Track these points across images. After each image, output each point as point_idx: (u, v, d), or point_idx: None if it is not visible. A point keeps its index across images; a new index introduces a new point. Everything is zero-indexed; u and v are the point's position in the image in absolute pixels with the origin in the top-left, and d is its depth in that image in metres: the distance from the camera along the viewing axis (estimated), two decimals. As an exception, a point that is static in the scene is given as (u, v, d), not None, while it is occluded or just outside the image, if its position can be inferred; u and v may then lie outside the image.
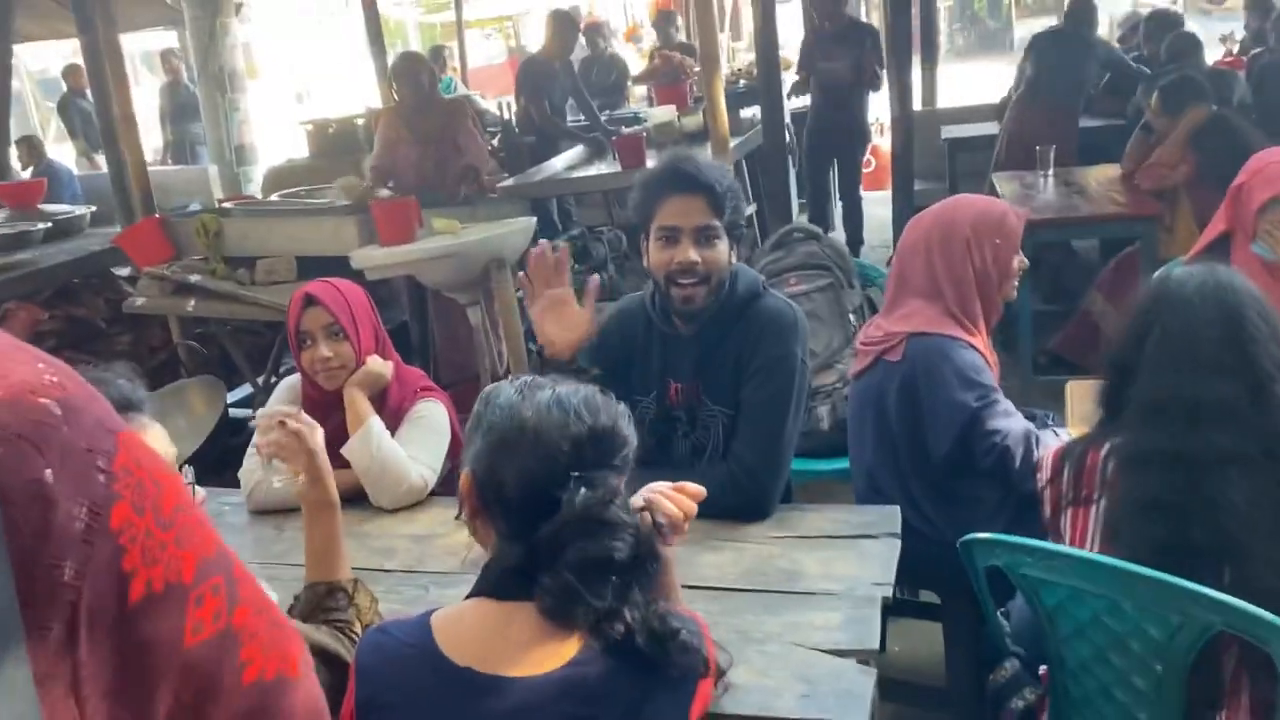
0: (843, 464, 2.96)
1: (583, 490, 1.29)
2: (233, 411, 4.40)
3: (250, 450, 2.48)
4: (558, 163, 6.03)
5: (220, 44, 8.82)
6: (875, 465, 2.57)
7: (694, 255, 2.18)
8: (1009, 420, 2.38)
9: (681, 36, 9.12)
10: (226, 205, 4.56)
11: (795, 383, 2.23)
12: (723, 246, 2.23)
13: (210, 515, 2.44)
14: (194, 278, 4.19)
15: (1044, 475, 1.99)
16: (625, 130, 6.25)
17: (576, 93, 6.84)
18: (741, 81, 7.17)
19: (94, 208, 6.15)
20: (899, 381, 2.44)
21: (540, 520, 1.28)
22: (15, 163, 8.28)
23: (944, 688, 2.60)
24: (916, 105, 6.45)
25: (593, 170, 6.02)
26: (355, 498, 2.38)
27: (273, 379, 4.43)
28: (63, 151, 11.43)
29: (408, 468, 2.38)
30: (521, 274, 2.33)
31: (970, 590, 2.04)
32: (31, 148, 8.51)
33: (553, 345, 2.21)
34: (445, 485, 2.62)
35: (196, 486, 1.44)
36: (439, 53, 10.25)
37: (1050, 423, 2.80)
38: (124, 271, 5.36)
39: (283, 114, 16.25)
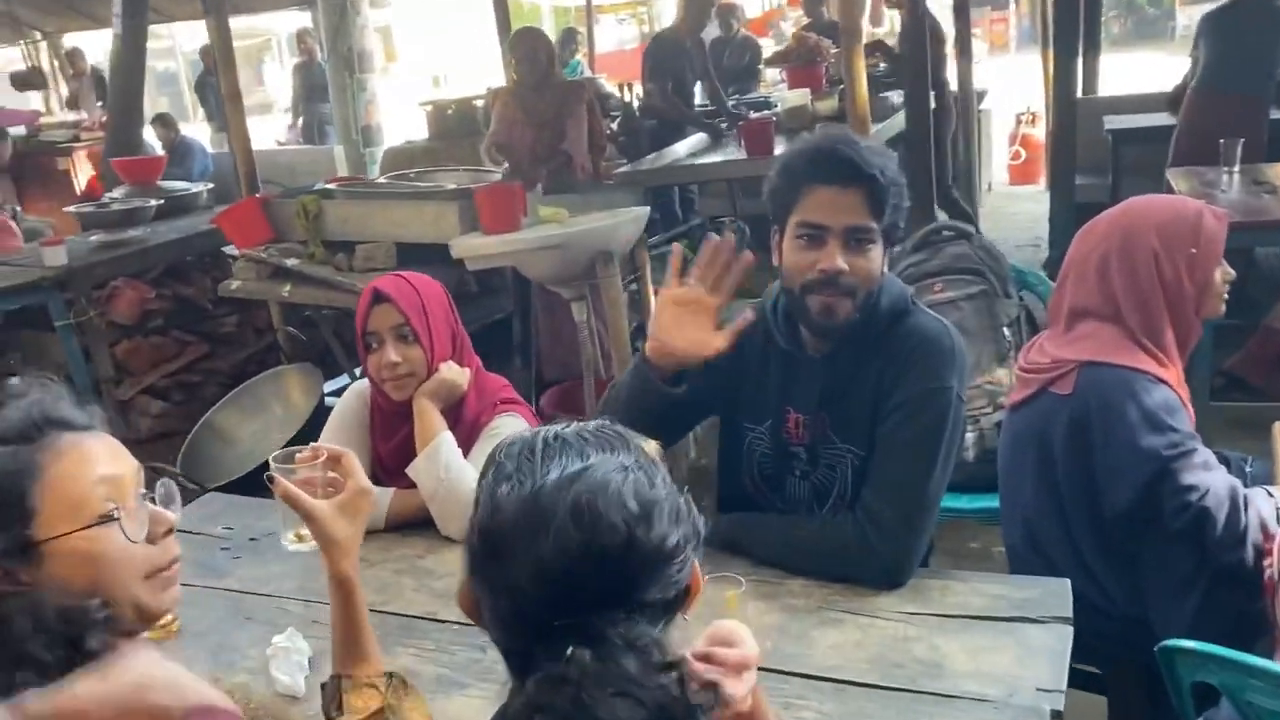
0: (990, 502, 2.52)
1: (583, 652, 0.84)
2: (328, 400, 4.19)
3: None
4: (680, 149, 5.68)
5: (350, 24, 8.77)
6: (1035, 516, 2.13)
7: (840, 262, 1.77)
8: (1209, 475, 1.91)
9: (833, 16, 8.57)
10: (329, 186, 4.36)
11: (947, 422, 1.81)
12: (876, 254, 1.82)
13: (262, 535, 2.22)
14: (290, 262, 4.01)
15: (1274, 561, 1.53)
16: (754, 115, 5.82)
17: (705, 73, 6.46)
18: (882, 64, 6.66)
19: (211, 185, 6.08)
20: (1068, 419, 2.00)
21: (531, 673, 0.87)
22: (155, 140, 8.40)
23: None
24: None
25: (716, 157, 5.63)
26: (423, 523, 2.13)
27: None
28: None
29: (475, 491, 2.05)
30: (676, 246, 1.91)
31: (1145, 668, 1.70)
32: (166, 125, 8.60)
33: (664, 350, 1.82)
34: None
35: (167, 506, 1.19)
36: (570, 35, 10.01)
37: (1248, 468, 2.33)
38: (236, 252, 5.25)
39: (416, 98, 16.38)
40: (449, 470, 2.06)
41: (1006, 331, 2.94)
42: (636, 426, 1.98)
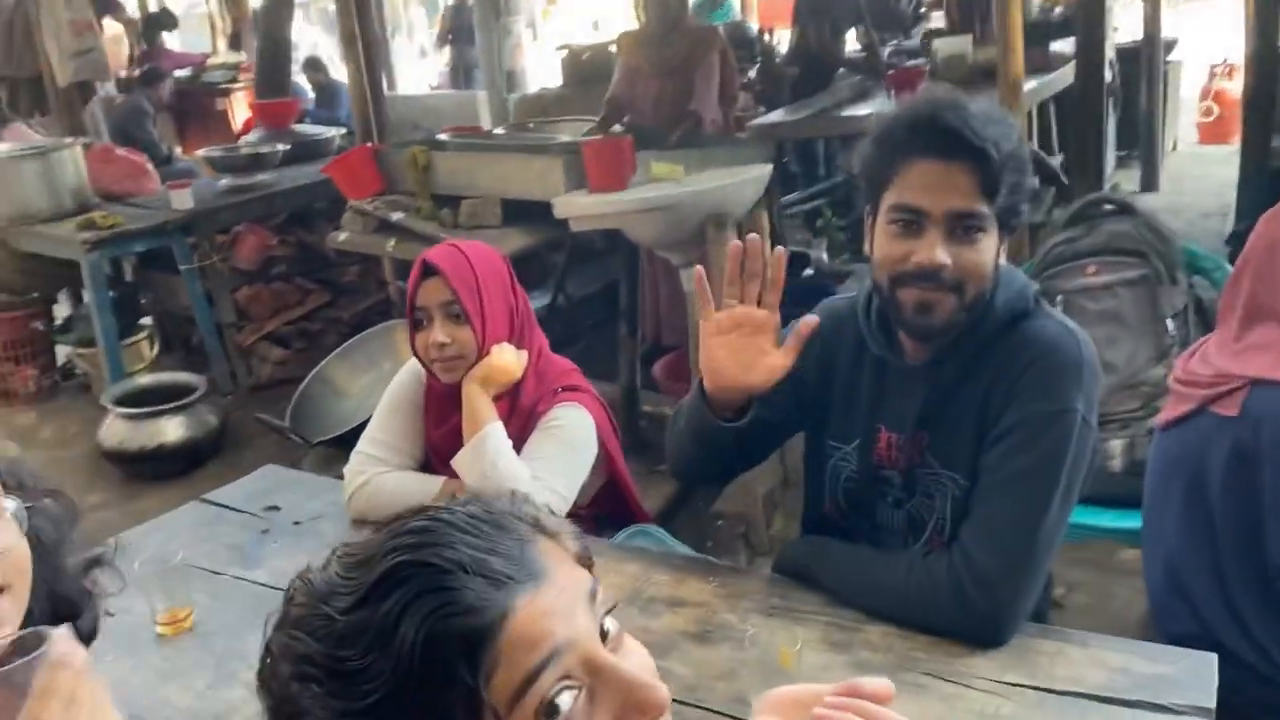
0: (1135, 522, 2.16)
1: None
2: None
3: (361, 443, 2.09)
4: (825, 99, 5.28)
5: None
6: (1180, 558, 1.77)
7: (941, 255, 1.45)
8: None
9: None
10: (442, 137, 4.20)
11: (1068, 453, 1.48)
12: (988, 243, 1.50)
13: (307, 519, 2.08)
14: (395, 216, 3.88)
15: None
16: (909, 63, 5.36)
17: (859, 18, 5.98)
18: (1058, 8, 6.02)
19: (343, 130, 6.04)
20: (1231, 446, 1.63)
21: None
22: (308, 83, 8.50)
23: None
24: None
25: (864, 109, 5.19)
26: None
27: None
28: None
29: (527, 492, 1.83)
30: (698, 270, 1.60)
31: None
32: (315, 68, 8.66)
33: (721, 385, 1.55)
34: (601, 502, 2.16)
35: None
36: None
37: None
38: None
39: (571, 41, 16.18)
40: (495, 466, 1.86)
41: (1170, 324, 2.52)
42: (703, 462, 1.72)
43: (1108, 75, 6.11)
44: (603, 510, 2.15)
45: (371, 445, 2.05)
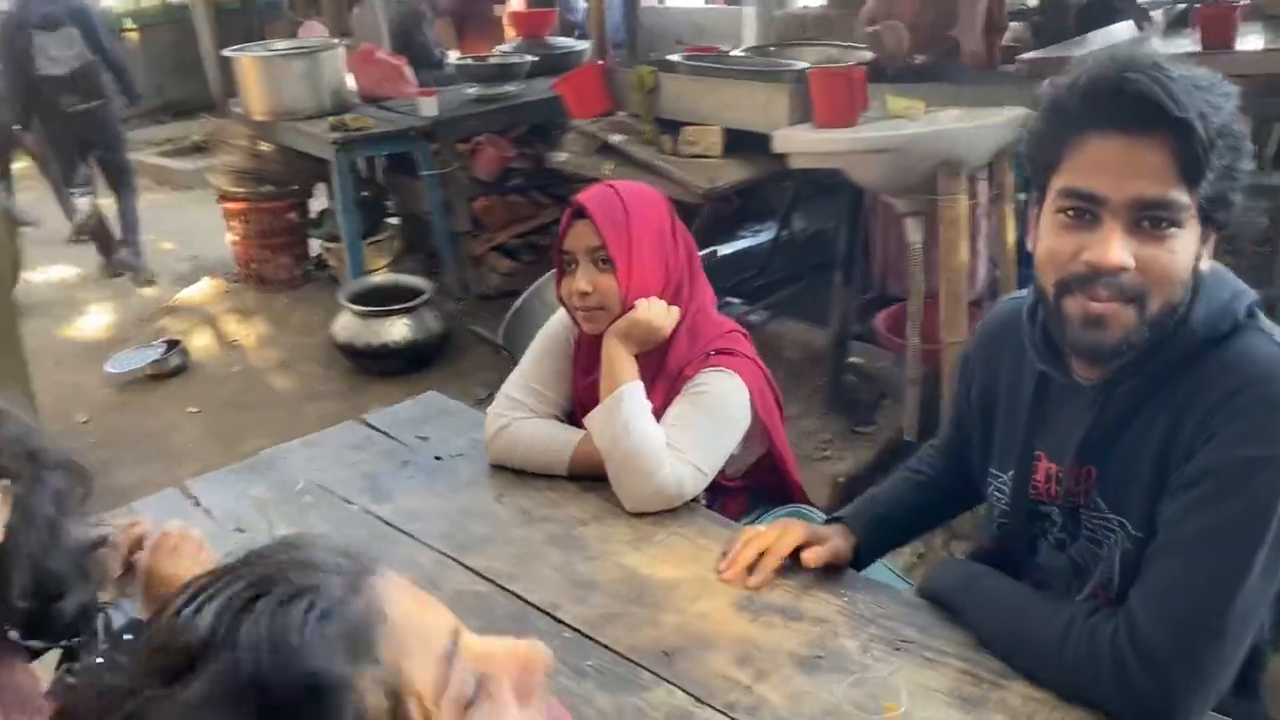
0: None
1: None
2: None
3: (507, 385, 2.04)
4: (1117, 31, 4.68)
5: None
6: None
7: (1121, 254, 1.16)
8: None
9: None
10: (673, 58, 4.03)
11: (1276, 514, 1.18)
12: (1185, 242, 1.19)
13: (448, 456, 2.03)
14: (615, 138, 3.80)
15: None
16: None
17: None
18: None
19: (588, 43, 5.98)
20: None
21: None
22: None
23: None
24: None
25: (1163, 48, 4.57)
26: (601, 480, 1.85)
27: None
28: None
29: (659, 462, 1.75)
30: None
31: None
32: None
33: None
34: (755, 475, 2.01)
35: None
36: None
37: None
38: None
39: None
40: (628, 431, 1.76)
41: None
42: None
43: None
44: (757, 484, 2.02)
45: (517, 389, 1.99)
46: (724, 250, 4.71)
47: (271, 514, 1.88)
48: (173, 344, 4.92)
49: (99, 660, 0.92)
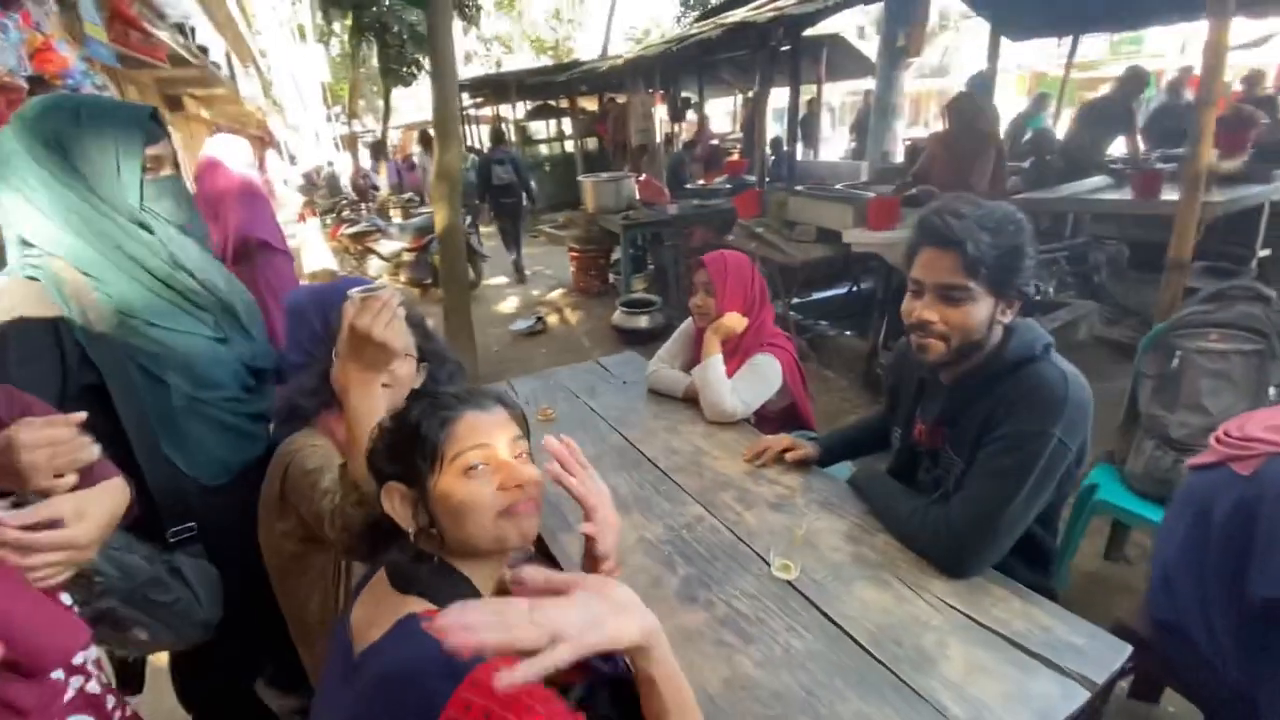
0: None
1: None
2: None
3: (660, 351, 2.02)
4: (1086, 184, 4.05)
5: (892, 88, 7.60)
6: (1175, 567, 1.22)
7: (929, 314, 1.12)
8: None
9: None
10: (799, 188, 3.86)
11: (1038, 462, 1.08)
12: (974, 308, 1.11)
13: (630, 380, 2.10)
14: (759, 229, 3.68)
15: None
16: (1153, 168, 3.93)
17: (1130, 131, 4.47)
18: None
19: (768, 179, 5.79)
20: (1236, 498, 1.08)
21: None
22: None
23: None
24: None
25: (1110, 195, 3.92)
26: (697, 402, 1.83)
27: (792, 299, 3.79)
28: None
29: (724, 394, 1.74)
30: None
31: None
32: (775, 144, 8.33)
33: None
34: (785, 414, 1.91)
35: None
36: (1042, 99, 7.58)
37: None
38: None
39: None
40: (710, 377, 1.76)
41: (1273, 392, 1.68)
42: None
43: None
44: (787, 418, 1.94)
45: (663, 353, 2.01)
46: (819, 295, 4.49)
47: (540, 396, 1.97)
48: (540, 319, 5.08)
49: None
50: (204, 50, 5.86)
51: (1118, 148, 4.77)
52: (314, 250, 5.71)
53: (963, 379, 1.20)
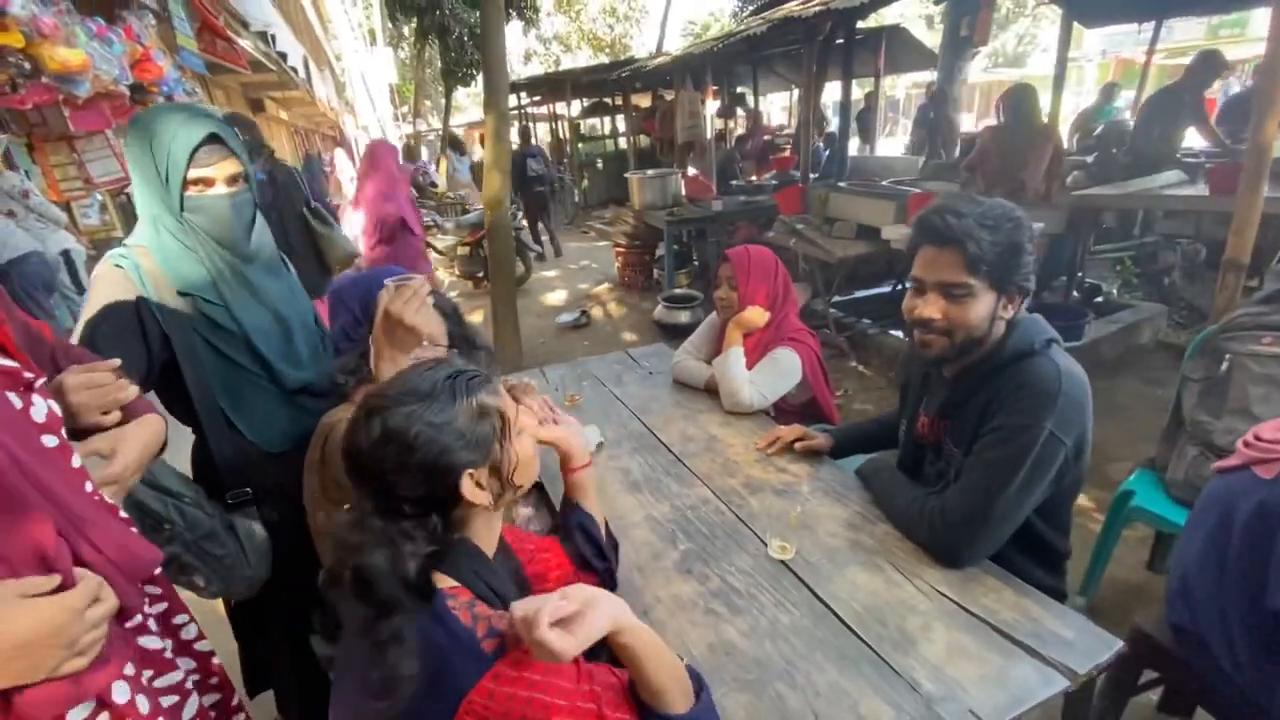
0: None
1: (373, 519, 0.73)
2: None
3: (685, 343, 2.07)
4: (1158, 179, 3.84)
5: (955, 78, 7.35)
6: (1194, 571, 1.20)
7: (930, 311, 1.14)
8: None
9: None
10: (841, 184, 3.82)
11: (1030, 456, 1.09)
12: (975, 304, 1.12)
13: (656, 371, 2.17)
14: (799, 226, 3.66)
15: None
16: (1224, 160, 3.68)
17: (1202, 121, 4.19)
18: None
19: (815, 176, 5.71)
20: (1258, 502, 1.06)
21: None
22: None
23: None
24: None
25: (1182, 191, 3.70)
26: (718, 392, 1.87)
27: (833, 297, 3.75)
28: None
29: (742, 385, 1.78)
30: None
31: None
32: (828, 139, 8.17)
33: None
34: (805, 407, 1.94)
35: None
36: (1110, 89, 7.15)
37: None
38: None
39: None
40: (728, 368, 1.81)
41: (1333, 401, 1.59)
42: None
43: None
44: (807, 412, 1.96)
45: (688, 344, 2.05)
46: (862, 293, 4.41)
47: (569, 383, 2.05)
48: (584, 312, 5.15)
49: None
50: (283, 56, 6.26)
51: (1195, 139, 4.47)
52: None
53: (963, 373, 1.21)
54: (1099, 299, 3.90)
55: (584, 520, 1.07)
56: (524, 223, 6.30)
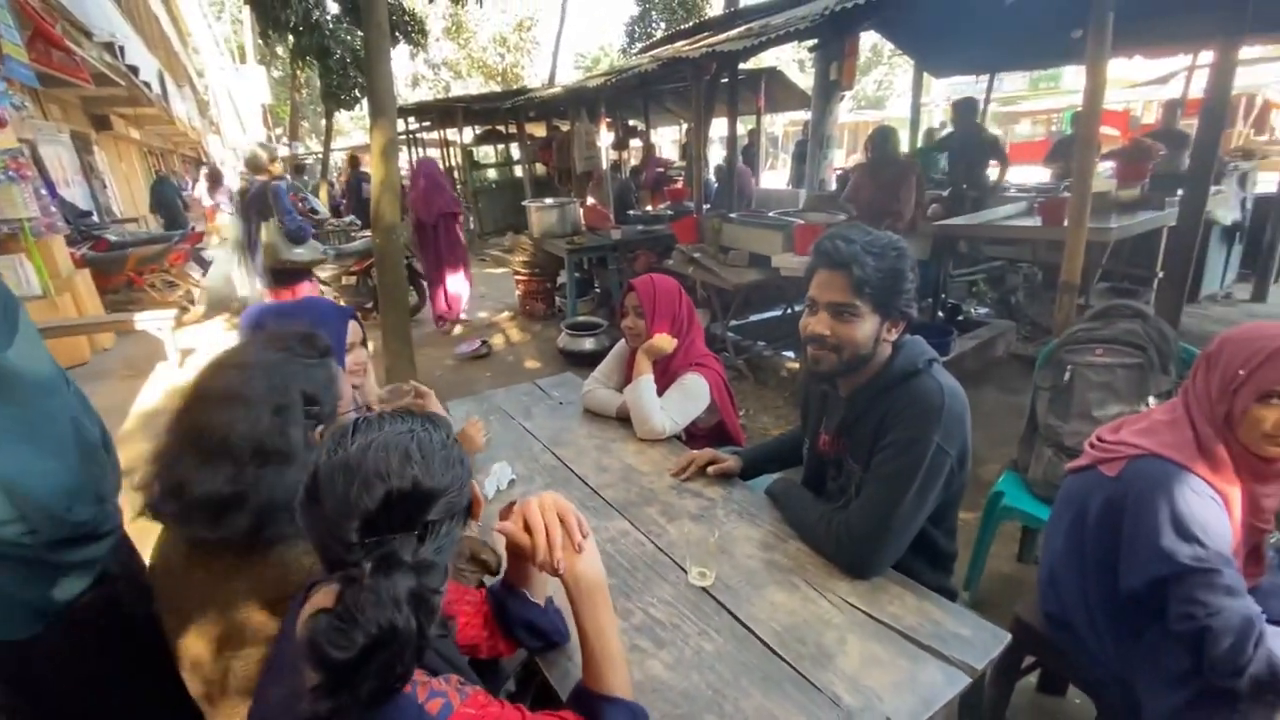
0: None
1: (368, 564, 0.65)
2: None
3: (594, 371, 2.06)
4: (999, 211, 4.37)
5: (826, 119, 8.01)
6: (1059, 563, 1.34)
7: (822, 329, 1.23)
8: (1227, 599, 1.04)
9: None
10: (733, 215, 4.04)
11: (921, 468, 1.18)
12: (861, 324, 1.22)
13: (566, 401, 2.12)
14: (696, 254, 3.81)
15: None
16: (1059, 195, 4.28)
17: (987, 157, 4.86)
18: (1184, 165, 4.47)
19: (707, 206, 5.96)
20: (1105, 499, 1.19)
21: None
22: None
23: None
24: None
25: (1019, 221, 4.24)
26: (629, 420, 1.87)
27: (730, 321, 3.91)
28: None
29: (654, 412, 1.79)
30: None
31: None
32: (717, 174, 8.59)
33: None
34: (714, 431, 1.99)
35: None
36: (930, 135, 8.13)
37: (1269, 550, 1.29)
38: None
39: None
40: (640, 395, 1.82)
41: (1153, 400, 1.85)
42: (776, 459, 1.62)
43: (1236, 216, 4.47)
44: (716, 435, 2.01)
45: (598, 373, 2.05)
46: (756, 316, 4.62)
47: (476, 414, 1.95)
48: (485, 342, 4.97)
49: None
50: (134, 69, 5.67)
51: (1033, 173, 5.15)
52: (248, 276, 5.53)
53: (857, 392, 1.29)
54: (960, 318, 4.35)
55: (533, 616, 1.00)
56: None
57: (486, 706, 0.69)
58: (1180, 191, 3.74)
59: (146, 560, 0.90)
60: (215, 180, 9.41)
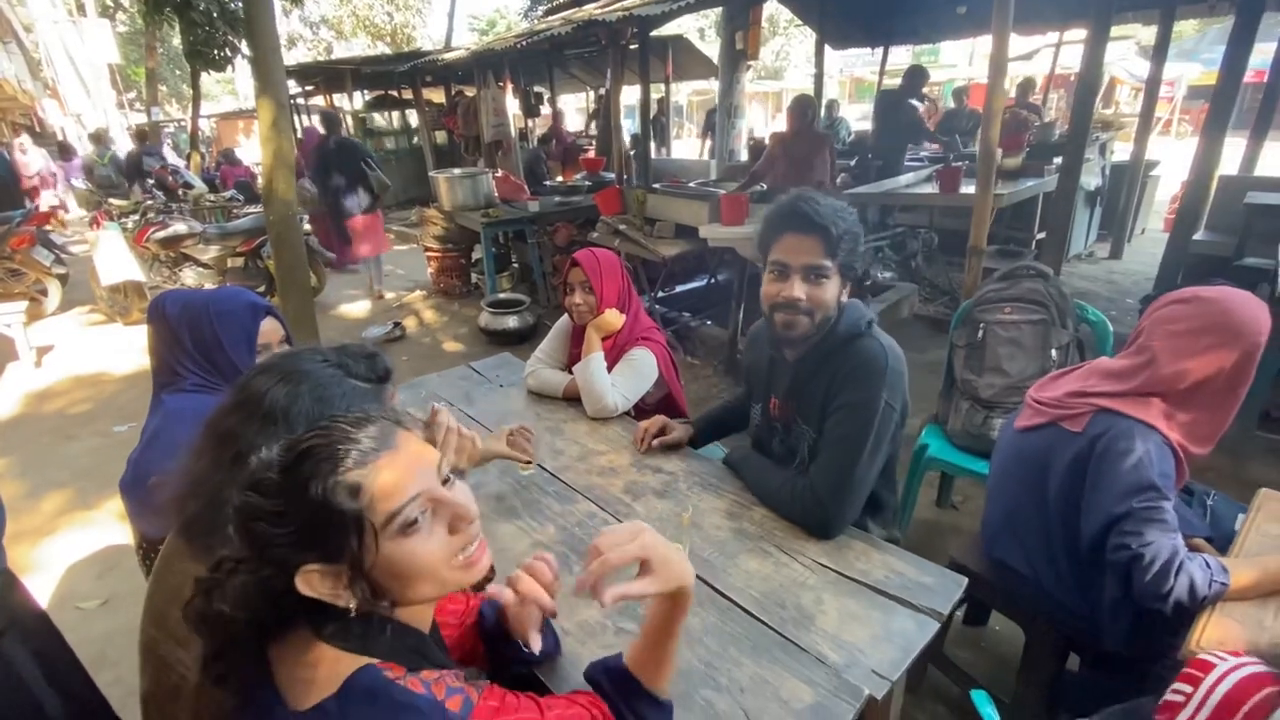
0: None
1: None
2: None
3: (536, 351, 1.99)
4: (902, 180, 4.61)
5: (733, 89, 8.09)
6: (1018, 508, 1.39)
7: (798, 291, 1.23)
8: (1161, 533, 1.15)
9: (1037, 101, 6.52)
10: (657, 186, 4.01)
11: (873, 426, 1.22)
12: (831, 286, 1.25)
13: (509, 384, 2.03)
14: (621, 226, 3.77)
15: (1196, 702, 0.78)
16: (954, 163, 4.58)
17: (928, 136, 5.16)
18: (1059, 133, 4.95)
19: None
20: (1073, 454, 1.25)
21: None
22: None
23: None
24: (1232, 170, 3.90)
25: (921, 189, 4.50)
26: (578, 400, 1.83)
27: (658, 294, 3.91)
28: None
29: (606, 390, 1.76)
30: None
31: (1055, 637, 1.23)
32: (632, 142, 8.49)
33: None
34: (661, 404, 1.97)
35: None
36: (832, 106, 8.51)
37: (1210, 501, 1.48)
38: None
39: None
40: (591, 373, 1.77)
41: (1054, 354, 2.03)
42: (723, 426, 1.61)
43: (1098, 182, 4.98)
44: (664, 408, 2.00)
45: (540, 353, 1.99)
46: (680, 288, 4.65)
47: (411, 405, 1.86)
48: (398, 324, 4.78)
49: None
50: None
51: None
52: (113, 259, 4.88)
53: (805, 356, 1.32)
54: (867, 282, 4.59)
55: (529, 658, 0.93)
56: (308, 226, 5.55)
57: (504, 698, 0.67)
58: (1058, 159, 4.11)
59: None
60: (66, 153, 8.21)
